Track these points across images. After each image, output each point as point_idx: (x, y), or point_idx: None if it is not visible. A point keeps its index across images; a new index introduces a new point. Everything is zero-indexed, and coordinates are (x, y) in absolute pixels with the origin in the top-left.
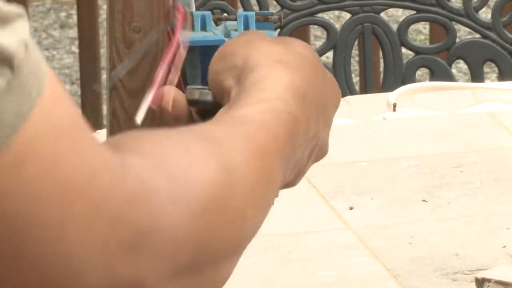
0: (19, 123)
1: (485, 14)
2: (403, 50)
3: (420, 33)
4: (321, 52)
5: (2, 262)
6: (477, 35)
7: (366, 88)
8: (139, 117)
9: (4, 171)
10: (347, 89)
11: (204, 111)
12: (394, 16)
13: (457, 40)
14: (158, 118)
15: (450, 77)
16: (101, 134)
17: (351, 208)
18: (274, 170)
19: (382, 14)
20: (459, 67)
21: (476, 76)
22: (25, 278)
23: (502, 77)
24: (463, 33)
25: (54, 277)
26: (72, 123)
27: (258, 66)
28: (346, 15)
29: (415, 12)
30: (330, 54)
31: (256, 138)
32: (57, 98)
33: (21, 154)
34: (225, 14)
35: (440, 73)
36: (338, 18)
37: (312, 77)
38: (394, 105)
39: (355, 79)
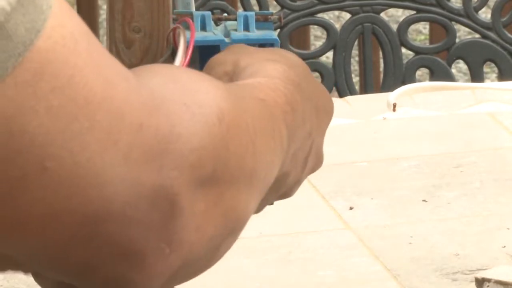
0: (32, 39)
1: (485, 14)
2: (403, 50)
3: (420, 33)
4: (321, 52)
5: (26, 180)
6: (477, 35)
7: (366, 88)
8: None
9: (20, 89)
10: (347, 89)
11: None
12: (394, 16)
13: (457, 40)
14: None
15: (450, 77)
16: None
17: (351, 208)
18: (278, 119)
19: (382, 14)
20: (459, 67)
21: (476, 76)
22: (51, 194)
23: (502, 77)
24: (463, 33)
25: (80, 190)
26: (84, 36)
27: (250, 65)
28: (346, 15)
29: (415, 12)
30: (330, 54)
31: (256, 95)
32: (67, 12)
33: (36, 70)
34: (225, 14)
35: (440, 73)
36: (338, 18)
37: (303, 76)
38: (394, 105)
39: (355, 79)
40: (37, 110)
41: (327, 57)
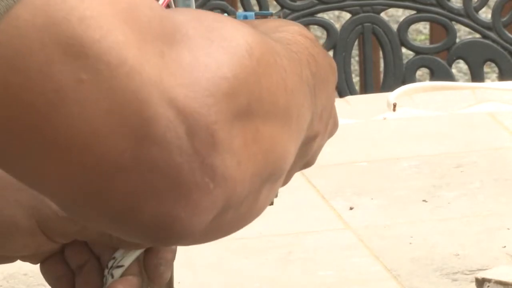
0: None
1: (485, 14)
2: (403, 50)
3: (420, 33)
4: None
5: (62, 93)
6: (477, 35)
7: (366, 88)
8: None
9: (49, 1)
10: (347, 89)
11: None
12: (394, 16)
13: (457, 40)
14: None
15: (450, 77)
16: None
17: (351, 208)
18: (304, 66)
19: (382, 14)
20: (459, 67)
21: (476, 76)
22: (89, 110)
23: (502, 77)
24: (463, 33)
25: (118, 105)
26: None
27: (267, 31)
28: (346, 15)
29: (415, 12)
30: (330, 54)
31: (281, 40)
32: None
33: None
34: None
35: (440, 73)
36: (338, 18)
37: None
38: (394, 105)
39: (355, 79)
40: (70, 20)
41: None
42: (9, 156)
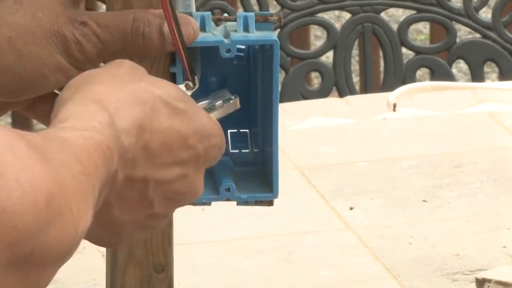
0: None
1: (486, 14)
2: (403, 50)
3: (420, 33)
4: (321, 52)
5: None
6: (477, 35)
7: (366, 88)
8: None
9: None
10: (347, 89)
11: None
12: (394, 16)
13: (457, 40)
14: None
15: (450, 77)
16: None
17: (351, 208)
18: (96, 188)
19: (382, 14)
20: (459, 67)
21: (476, 76)
22: None
23: (502, 77)
24: (463, 33)
25: None
26: None
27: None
28: (346, 15)
29: (415, 12)
30: (330, 54)
31: (78, 169)
32: None
33: None
34: (225, 14)
35: (440, 73)
36: (338, 18)
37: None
38: (394, 105)
39: (355, 79)
40: None
41: (327, 57)
42: None
